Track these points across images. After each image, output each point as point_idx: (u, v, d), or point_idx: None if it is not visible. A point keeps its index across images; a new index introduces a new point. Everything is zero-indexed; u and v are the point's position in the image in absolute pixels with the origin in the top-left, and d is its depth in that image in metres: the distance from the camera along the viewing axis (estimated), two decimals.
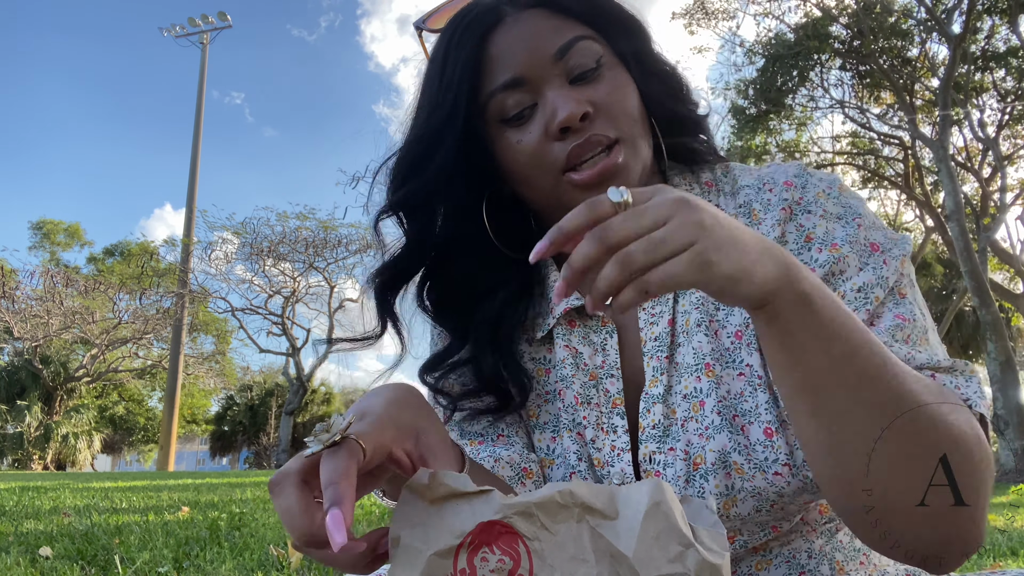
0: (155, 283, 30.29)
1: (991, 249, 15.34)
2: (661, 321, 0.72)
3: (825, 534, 0.71)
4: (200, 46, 33.12)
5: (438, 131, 0.69)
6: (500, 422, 0.75)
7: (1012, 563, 2.63)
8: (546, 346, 0.78)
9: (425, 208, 0.73)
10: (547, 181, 0.69)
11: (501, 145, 0.70)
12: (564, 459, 0.72)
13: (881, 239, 0.68)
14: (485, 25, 0.68)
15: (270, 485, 0.47)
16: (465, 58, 0.68)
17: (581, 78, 0.68)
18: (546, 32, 0.68)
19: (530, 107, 0.68)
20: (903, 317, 0.63)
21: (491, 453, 0.72)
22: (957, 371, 0.61)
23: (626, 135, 0.68)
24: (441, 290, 0.78)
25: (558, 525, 0.43)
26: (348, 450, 0.46)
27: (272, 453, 31.08)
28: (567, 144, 0.67)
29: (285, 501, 0.45)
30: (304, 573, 2.34)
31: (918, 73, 15.84)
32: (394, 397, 0.56)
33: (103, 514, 4.39)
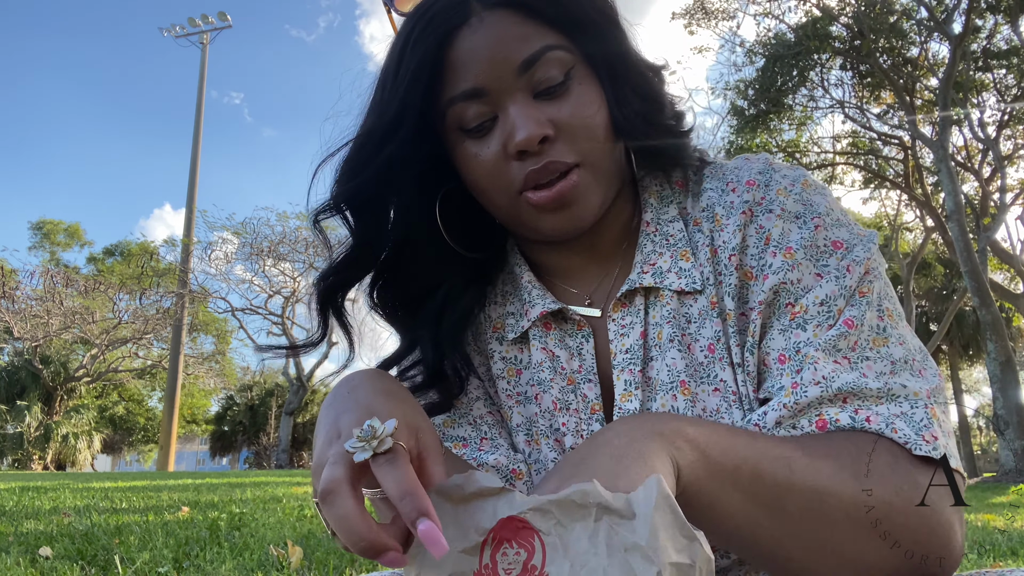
0: (155, 283, 30.29)
1: (991, 249, 15.33)
2: (632, 333, 0.70)
3: None
4: (200, 46, 33.11)
5: (391, 127, 0.64)
6: (483, 424, 0.74)
7: (1012, 563, 2.62)
8: (518, 346, 0.76)
9: (373, 205, 0.69)
10: (504, 199, 0.67)
11: (459, 154, 0.68)
12: (544, 466, 0.72)
13: (845, 236, 0.65)
14: (449, 24, 0.63)
15: (322, 494, 0.45)
16: (422, 57, 0.63)
17: (546, 93, 0.64)
18: (512, 40, 0.63)
19: (490, 119, 0.65)
20: (851, 323, 0.61)
21: (476, 458, 0.71)
22: (895, 397, 0.59)
23: (587, 158, 0.65)
24: (391, 290, 0.75)
25: (574, 523, 0.44)
26: (403, 456, 0.46)
27: (272, 453, 31.06)
28: (525, 165, 0.64)
29: (341, 510, 0.44)
30: (304, 573, 2.34)
31: (918, 73, 15.83)
32: (388, 389, 0.56)
33: (103, 514, 4.39)
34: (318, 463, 0.50)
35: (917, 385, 0.60)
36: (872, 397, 0.59)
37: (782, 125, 18.18)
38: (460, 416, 0.74)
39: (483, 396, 0.77)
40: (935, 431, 0.57)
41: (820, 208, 0.67)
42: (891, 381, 0.60)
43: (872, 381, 0.59)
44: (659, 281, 0.69)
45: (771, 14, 16.84)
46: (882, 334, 0.62)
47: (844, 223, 0.67)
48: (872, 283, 0.64)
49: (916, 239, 22.92)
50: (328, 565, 2.37)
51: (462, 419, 0.74)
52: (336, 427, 0.52)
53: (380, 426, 0.47)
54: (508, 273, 0.80)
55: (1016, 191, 17.18)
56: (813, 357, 0.60)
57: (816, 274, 0.64)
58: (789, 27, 16.68)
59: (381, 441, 0.46)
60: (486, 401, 0.76)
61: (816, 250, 0.65)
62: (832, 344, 0.61)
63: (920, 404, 0.59)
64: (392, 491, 0.44)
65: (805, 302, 0.63)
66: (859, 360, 0.61)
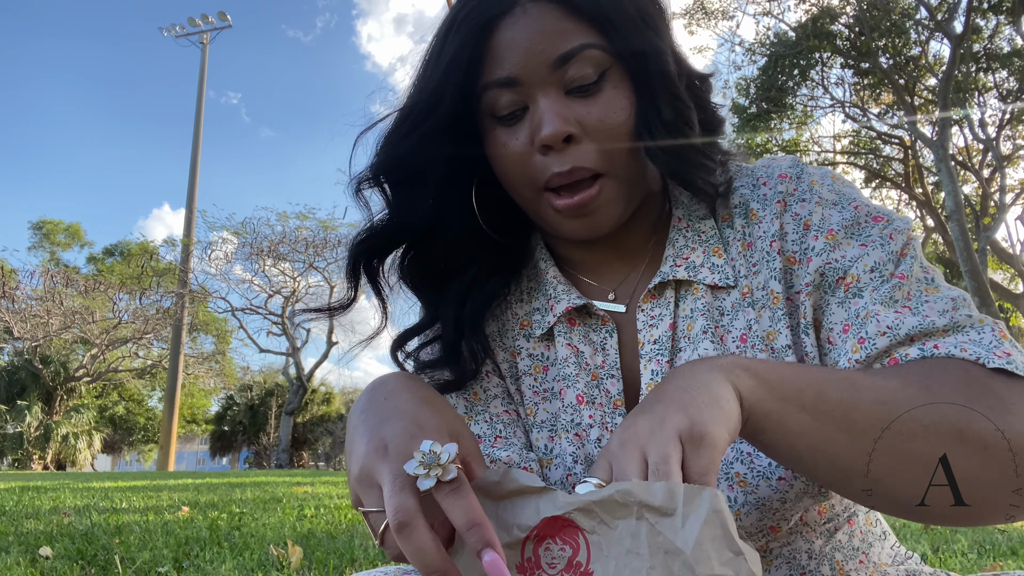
0: (155, 283, 30.31)
1: (991, 249, 15.34)
2: (662, 324, 0.71)
3: (824, 534, 0.71)
4: (200, 46, 33.13)
5: (430, 103, 0.66)
6: (498, 423, 0.75)
7: (1012, 563, 2.62)
8: (544, 343, 0.77)
9: (410, 179, 0.70)
10: (528, 192, 0.68)
11: (490, 140, 0.69)
12: (562, 460, 0.72)
13: (884, 212, 0.68)
14: (492, 11, 0.64)
15: (397, 526, 0.45)
16: (463, 41, 0.64)
17: (578, 91, 0.64)
18: (551, 34, 0.63)
19: (522, 108, 0.66)
20: (902, 276, 0.63)
21: (488, 454, 0.72)
22: (962, 327, 0.60)
23: (612, 166, 0.65)
24: (421, 263, 0.76)
25: (617, 521, 0.45)
26: (465, 484, 0.46)
27: (272, 453, 31.08)
28: (549, 163, 0.65)
29: (418, 542, 0.45)
30: (304, 573, 2.34)
31: (918, 73, 15.84)
32: (427, 397, 0.56)
33: (103, 514, 4.39)
34: (365, 472, 0.49)
35: (981, 314, 0.61)
36: (939, 332, 0.60)
37: (783, 124, 18.19)
38: (477, 413, 0.75)
39: (501, 394, 0.77)
40: (1007, 349, 0.57)
41: (855, 194, 0.69)
42: (955, 315, 0.60)
43: (937, 319, 0.60)
44: (693, 275, 0.70)
45: (771, 13, 16.84)
46: (932, 284, 0.64)
47: (880, 207, 0.69)
48: (915, 247, 0.66)
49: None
50: (328, 565, 2.37)
51: (479, 416, 0.75)
52: (380, 436, 0.50)
53: (440, 450, 0.46)
54: (533, 268, 0.80)
55: (1016, 191, 17.19)
56: (874, 311, 0.62)
57: (861, 244, 0.65)
58: (789, 26, 16.68)
59: (445, 469, 0.46)
60: (504, 399, 0.77)
61: (858, 226, 0.67)
62: (889, 297, 0.62)
63: (987, 328, 0.60)
64: (459, 521, 0.45)
65: (856, 271, 0.64)
66: (919, 305, 0.62)
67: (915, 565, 0.75)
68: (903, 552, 0.78)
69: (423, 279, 0.76)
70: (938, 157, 13.90)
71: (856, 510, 0.74)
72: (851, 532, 0.73)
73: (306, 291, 28.91)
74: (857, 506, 0.74)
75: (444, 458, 0.46)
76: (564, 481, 0.71)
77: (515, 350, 0.78)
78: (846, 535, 0.72)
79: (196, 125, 30.63)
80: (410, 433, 0.50)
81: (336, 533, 3.32)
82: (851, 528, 0.73)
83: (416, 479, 0.46)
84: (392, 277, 0.76)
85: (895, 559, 0.76)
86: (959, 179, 15.11)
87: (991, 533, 3.62)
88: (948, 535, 3.52)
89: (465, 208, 0.73)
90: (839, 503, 0.71)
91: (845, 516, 0.72)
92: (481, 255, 0.76)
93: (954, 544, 3.07)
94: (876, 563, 0.73)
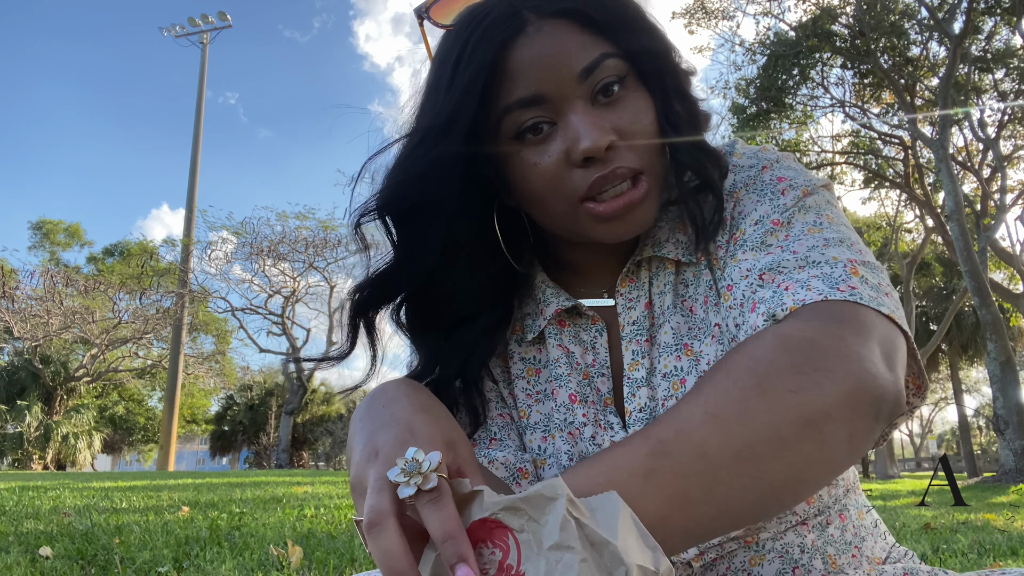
0: (155, 283, 30.32)
1: (991, 249, 15.35)
2: (638, 305, 0.73)
3: (816, 528, 0.71)
4: (200, 46, 33.14)
5: (444, 129, 0.64)
6: (493, 425, 0.75)
7: (1012, 563, 2.63)
8: (536, 346, 0.78)
9: (419, 213, 0.68)
10: (563, 207, 0.67)
11: (515, 163, 0.67)
12: (556, 459, 0.73)
13: (791, 175, 0.69)
14: (505, 32, 0.63)
15: (367, 525, 0.45)
16: (479, 64, 0.63)
17: (605, 101, 0.64)
18: (571, 48, 0.63)
19: (549, 125, 0.65)
20: (776, 222, 0.65)
21: (484, 455, 0.72)
22: (814, 262, 0.60)
23: (648, 164, 0.66)
24: (421, 309, 0.74)
25: (546, 516, 0.44)
26: (447, 494, 0.45)
27: (272, 453, 31.08)
28: (589, 173, 0.64)
29: (386, 543, 0.44)
30: (304, 573, 2.34)
31: (918, 73, 15.84)
32: (424, 404, 0.56)
33: (103, 514, 4.39)
34: (356, 480, 0.50)
35: (842, 254, 0.61)
36: (792, 268, 0.60)
37: (782, 124, 18.20)
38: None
39: (495, 398, 0.77)
40: (854, 283, 0.57)
41: (770, 156, 0.71)
42: (813, 253, 0.61)
43: (791, 256, 0.61)
44: (658, 250, 0.72)
45: (770, 13, 16.85)
46: (817, 226, 0.64)
47: (796, 169, 0.70)
48: (813, 202, 0.66)
49: (916, 239, 22.93)
50: (328, 565, 2.37)
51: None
52: (373, 443, 0.51)
53: (424, 458, 0.46)
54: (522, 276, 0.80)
55: (1016, 191, 17.20)
56: (742, 258, 0.64)
57: (756, 201, 0.68)
58: (788, 26, 16.69)
59: (426, 478, 0.45)
60: (498, 403, 0.77)
61: (762, 184, 0.69)
62: (761, 242, 0.64)
63: (839, 265, 0.59)
64: (435, 532, 0.44)
65: (744, 226, 0.67)
66: (789, 244, 0.63)
67: (912, 563, 0.75)
68: (900, 549, 0.78)
69: (422, 326, 0.74)
70: (938, 157, 13.91)
71: (847, 503, 0.74)
72: (843, 526, 0.73)
73: (306, 291, 28.95)
74: (848, 499, 0.74)
75: (426, 467, 0.46)
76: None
77: (507, 355, 0.79)
78: (838, 529, 0.73)
79: (196, 125, 30.64)
80: (401, 440, 0.50)
81: (336, 533, 3.32)
82: (843, 522, 0.73)
83: (397, 486, 0.46)
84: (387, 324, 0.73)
85: (891, 556, 0.76)
86: (959, 179, 15.11)
87: (991, 533, 3.62)
88: (948, 535, 3.52)
89: (476, 245, 0.72)
90: (827, 495, 0.72)
91: (836, 509, 0.73)
92: (490, 302, 0.74)
93: (954, 544, 3.07)
94: (869, 557, 0.74)
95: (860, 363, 0.51)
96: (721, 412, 0.49)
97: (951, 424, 56.84)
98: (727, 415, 0.49)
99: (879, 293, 0.57)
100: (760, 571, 0.69)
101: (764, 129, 17.48)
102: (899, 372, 0.54)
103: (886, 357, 0.53)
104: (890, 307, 0.57)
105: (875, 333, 0.54)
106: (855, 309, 0.55)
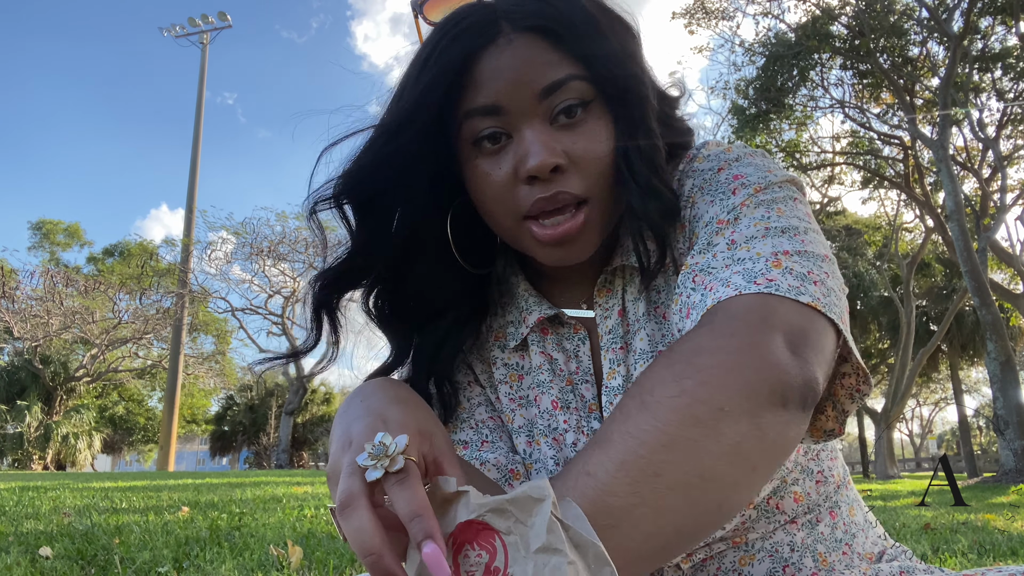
0: (155, 283, 30.31)
1: (991, 249, 15.34)
2: (612, 314, 0.73)
3: (806, 526, 0.71)
4: (200, 46, 33.13)
5: (404, 123, 0.65)
6: (484, 428, 0.76)
7: (1012, 563, 2.63)
8: (519, 353, 0.78)
9: (377, 203, 0.68)
10: (508, 222, 0.67)
11: (470, 168, 0.67)
12: (543, 464, 0.73)
13: (750, 172, 0.67)
14: (477, 39, 0.63)
15: (340, 506, 0.46)
16: (445, 67, 0.63)
17: (563, 122, 0.64)
18: (538, 64, 0.63)
19: (505, 136, 0.65)
20: (723, 221, 0.63)
21: (476, 457, 0.73)
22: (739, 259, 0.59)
23: (595, 194, 0.65)
24: (389, 301, 0.74)
25: (533, 518, 0.44)
26: (414, 475, 0.46)
27: (272, 453, 31.07)
28: (533, 191, 0.64)
29: (357, 522, 0.45)
30: (304, 573, 2.34)
31: (918, 73, 15.84)
32: (400, 396, 0.57)
33: (103, 514, 4.39)
34: (332, 470, 0.51)
35: (774, 246, 0.59)
36: (720, 267, 0.60)
37: (782, 125, 18.20)
38: (462, 421, 0.76)
39: (484, 402, 0.78)
40: (772, 276, 0.56)
41: (729, 156, 0.69)
42: (742, 249, 0.60)
43: (723, 255, 0.60)
44: (626, 260, 0.72)
45: (770, 13, 16.84)
46: (764, 219, 0.62)
47: (755, 166, 0.67)
48: (759, 195, 0.64)
49: (915, 239, 22.92)
50: (328, 565, 2.37)
51: (464, 423, 0.76)
52: (348, 435, 0.52)
53: (391, 442, 0.47)
54: (504, 284, 0.81)
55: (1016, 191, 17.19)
56: (690, 263, 0.63)
57: (709, 201, 0.66)
58: (788, 26, 16.68)
59: (393, 460, 0.46)
60: (487, 406, 0.78)
61: (716, 184, 0.67)
62: (707, 242, 0.63)
63: (762, 259, 0.58)
64: (402, 511, 0.45)
65: (697, 229, 0.66)
66: (728, 242, 0.62)
67: (908, 561, 0.75)
68: (897, 547, 0.78)
69: (391, 316, 0.74)
70: (938, 157, 13.90)
71: (838, 500, 0.74)
72: (833, 524, 0.73)
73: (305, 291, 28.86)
74: (839, 496, 0.75)
75: (392, 450, 0.46)
76: None
77: (491, 360, 0.79)
78: (828, 527, 0.73)
79: (196, 125, 30.62)
80: (372, 428, 0.51)
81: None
82: (833, 520, 0.73)
83: (366, 470, 0.47)
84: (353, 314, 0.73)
85: (887, 553, 0.76)
86: (959, 179, 15.11)
87: (991, 533, 3.62)
88: (948, 536, 3.52)
89: (439, 242, 0.72)
90: (817, 493, 0.72)
91: (826, 507, 0.73)
92: (458, 298, 0.75)
93: (954, 544, 3.07)
94: (861, 554, 0.74)
95: (751, 353, 0.50)
96: (605, 436, 0.50)
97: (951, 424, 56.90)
98: (609, 435, 0.49)
99: (803, 281, 0.56)
100: (751, 571, 0.69)
101: (764, 130, 17.48)
102: (808, 356, 0.52)
103: (790, 344, 0.52)
104: (813, 294, 0.55)
105: (777, 322, 0.53)
106: (763, 301, 0.54)
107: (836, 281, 0.60)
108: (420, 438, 0.51)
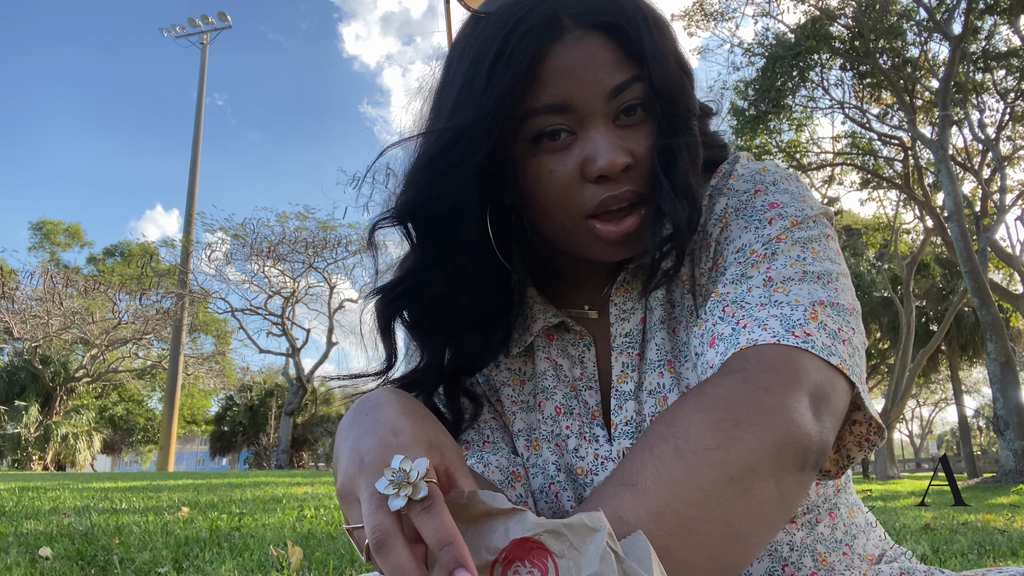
0: (155, 284, 30.32)
1: (991, 249, 15.35)
2: (633, 318, 0.72)
3: (806, 526, 0.71)
4: (200, 47, 33.15)
5: (480, 139, 0.63)
6: (485, 428, 0.76)
7: (1012, 563, 2.63)
8: (522, 358, 0.78)
9: (446, 217, 0.66)
10: (567, 220, 0.66)
11: (528, 166, 0.66)
12: (544, 470, 0.73)
13: (786, 200, 0.67)
14: (544, 38, 0.62)
15: (375, 545, 0.45)
16: (518, 69, 0.62)
17: (623, 121, 0.64)
18: (606, 64, 0.63)
19: (569, 135, 0.64)
20: (761, 255, 0.63)
21: (479, 459, 0.73)
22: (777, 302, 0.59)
23: (650, 195, 0.66)
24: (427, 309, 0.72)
25: (587, 545, 0.44)
26: (439, 502, 0.45)
27: (272, 453, 31.06)
28: (599, 191, 0.64)
29: (396, 560, 0.44)
30: (304, 573, 2.34)
31: (918, 73, 15.84)
32: (408, 409, 0.56)
33: (103, 514, 4.39)
34: (344, 490, 0.50)
35: (810, 294, 0.60)
36: (755, 305, 0.60)
37: (782, 125, 18.20)
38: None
39: (485, 402, 0.78)
40: (810, 329, 0.57)
41: (766, 179, 0.69)
42: (780, 292, 0.60)
43: (759, 291, 0.60)
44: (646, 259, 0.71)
45: (769, 14, 16.85)
46: (800, 260, 0.62)
47: (792, 193, 0.68)
48: (795, 232, 0.64)
49: (915, 240, 22.92)
50: (328, 565, 2.37)
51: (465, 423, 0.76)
52: (359, 452, 0.51)
53: (411, 467, 0.46)
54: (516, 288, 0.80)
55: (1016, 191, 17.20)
56: (721, 291, 0.63)
57: (743, 227, 0.66)
58: (787, 27, 16.69)
59: (416, 487, 0.45)
60: (489, 408, 0.78)
61: (752, 210, 0.67)
62: (741, 273, 0.63)
63: (800, 308, 0.59)
64: (431, 540, 0.44)
65: (726, 252, 0.66)
66: (763, 278, 0.62)
67: (908, 562, 0.75)
68: (897, 548, 0.78)
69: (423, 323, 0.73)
70: (938, 158, 13.91)
71: (837, 502, 0.74)
72: (833, 525, 0.73)
73: (306, 292, 28.95)
74: (838, 498, 0.75)
75: (414, 476, 0.46)
76: (547, 489, 0.73)
77: (494, 364, 0.79)
78: (828, 528, 0.73)
79: (196, 125, 30.64)
80: (384, 443, 0.50)
81: (336, 534, 3.32)
82: (833, 521, 0.73)
83: (388, 499, 0.46)
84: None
85: (887, 555, 0.76)
86: (959, 179, 15.11)
87: (991, 533, 3.62)
88: (948, 536, 3.52)
89: (479, 248, 0.69)
90: (816, 494, 0.72)
91: (826, 508, 0.73)
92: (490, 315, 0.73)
93: (954, 545, 3.07)
94: (861, 555, 0.74)
95: (782, 415, 0.51)
96: (638, 480, 0.50)
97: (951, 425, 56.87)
98: (643, 481, 0.50)
99: (835, 340, 0.57)
100: (750, 570, 0.69)
101: (763, 131, 17.48)
102: (827, 421, 0.54)
103: (814, 406, 0.53)
104: (842, 356, 0.57)
105: (807, 381, 0.54)
106: (798, 357, 0.55)
107: (860, 337, 0.61)
108: (432, 451, 0.51)
